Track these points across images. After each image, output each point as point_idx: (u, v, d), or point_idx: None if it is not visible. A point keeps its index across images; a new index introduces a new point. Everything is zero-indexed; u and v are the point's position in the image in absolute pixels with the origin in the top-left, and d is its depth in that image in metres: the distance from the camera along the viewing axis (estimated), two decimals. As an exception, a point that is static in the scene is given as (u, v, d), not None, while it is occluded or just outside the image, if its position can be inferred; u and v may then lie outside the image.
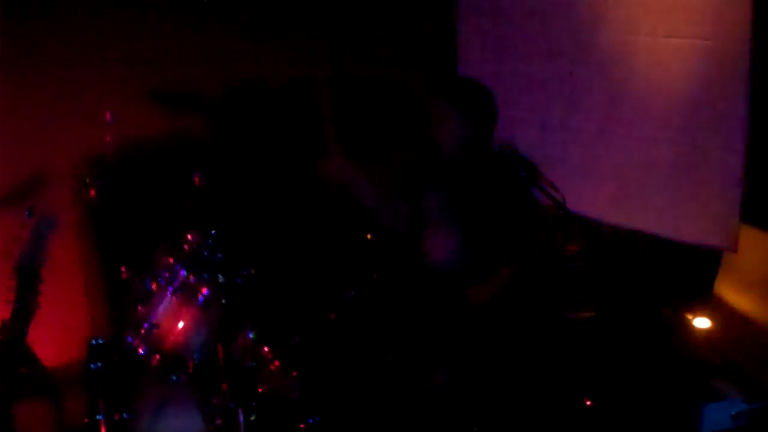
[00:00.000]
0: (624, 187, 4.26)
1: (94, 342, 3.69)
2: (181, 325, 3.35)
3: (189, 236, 3.51)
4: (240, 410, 3.35)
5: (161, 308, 3.36)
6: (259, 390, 3.38)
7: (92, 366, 3.53)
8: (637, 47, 4.06)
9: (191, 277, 3.35)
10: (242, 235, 3.81)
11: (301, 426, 3.42)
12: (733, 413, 3.77)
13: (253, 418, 3.37)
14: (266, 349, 3.33)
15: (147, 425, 3.52)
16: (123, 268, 3.64)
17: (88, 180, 4.05)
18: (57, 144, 4.20)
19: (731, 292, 4.33)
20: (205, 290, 3.34)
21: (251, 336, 3.32)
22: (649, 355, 4.06)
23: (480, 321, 3.46)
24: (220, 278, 3.40)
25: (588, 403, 3.78)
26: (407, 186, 3.71)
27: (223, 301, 3.34)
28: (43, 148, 4.19)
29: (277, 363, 3.34)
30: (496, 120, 3.46)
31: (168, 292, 3.36)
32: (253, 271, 3.62)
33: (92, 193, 4.07)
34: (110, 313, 4.14)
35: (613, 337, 4.16)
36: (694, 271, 4.45)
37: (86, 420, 3.43)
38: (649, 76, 4.01)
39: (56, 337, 4.13)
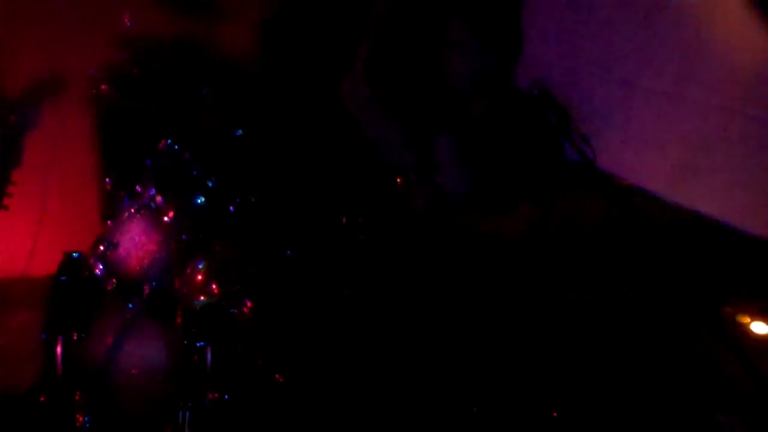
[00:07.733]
0: (689, 161, 3.65)
1: (74, 255, 3.49)
2: (140, 248, 3.05)
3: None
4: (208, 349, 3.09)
5: (123, 227, 3.06)
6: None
7: (60, 279, 3.31)
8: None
9: (159, 198, 3.02)
10: (247, 160, 3.49)
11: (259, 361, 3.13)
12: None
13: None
14: (214, 286, 2.99)
15: (108, 351, 3.29)
16: (108, 180, 3.40)
17: (101, 84, 3.86)
18: (74, 46, 3.97)
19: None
20: (171, 214, 3.01)
21: (200, 267, 2.98)
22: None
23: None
24: (200, 201, 3.07)
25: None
26: (415, 131, 3.28)
27: (188, 227, 3.00)
28: (60, 50, 3.96)
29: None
30: (520, 50, 2.97)
31: (132, 211, 3.06)
32: (252, 199, 3.31)
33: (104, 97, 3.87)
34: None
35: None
36: (755, 267, 3.79)
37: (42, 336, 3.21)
38: (732, 28, 3.35)
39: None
